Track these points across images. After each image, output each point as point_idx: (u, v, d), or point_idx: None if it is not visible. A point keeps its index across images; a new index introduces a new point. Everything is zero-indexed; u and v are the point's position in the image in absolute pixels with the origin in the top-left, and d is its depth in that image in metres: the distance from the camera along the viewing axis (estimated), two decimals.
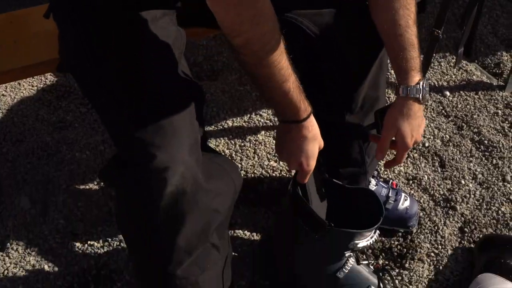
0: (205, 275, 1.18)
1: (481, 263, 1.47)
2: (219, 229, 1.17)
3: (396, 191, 1.57)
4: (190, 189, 1.05)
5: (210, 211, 1.11)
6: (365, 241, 1.29)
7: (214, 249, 1.17)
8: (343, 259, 1.34)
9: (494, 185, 1.72)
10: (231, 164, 1.20)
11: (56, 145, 1.81)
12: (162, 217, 1.07)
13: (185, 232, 1.09)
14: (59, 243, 1.56)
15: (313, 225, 1.26)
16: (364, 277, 1.38)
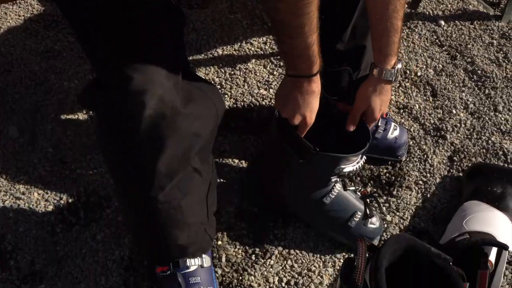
0: (188, 199, 1.19)
1: (468, 191, 1.48)
2: (201, 154, 1.17)
3: (385, 120, 1.56)
4: (170, 113, 1.05)
5: (190, 135, 1.11)
6: (351, 166, 1.29)
7: (196, 174, 1.18)
8: (329, 185, 1.35)
9: (486, 115, 1.71)
10: (212, 89, 1.19)
11: (44, 74, 1.79)
12: (142, 142, 1.07)
13: (166, 157, 1.09)
14: (48, 171, 1.56)
15: (299, 150, 1.26)
16: (351, 203, 1.39)
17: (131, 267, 1.38)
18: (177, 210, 1.18)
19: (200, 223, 1.25)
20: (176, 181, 1.14)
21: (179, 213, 1.19)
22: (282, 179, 1.38)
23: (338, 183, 1.36)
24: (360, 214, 1.38)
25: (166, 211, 1.17)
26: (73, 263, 1.39)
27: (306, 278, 1.37)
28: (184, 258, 1.25)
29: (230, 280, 1.36)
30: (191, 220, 1.22)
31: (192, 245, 1.25)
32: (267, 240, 1.43)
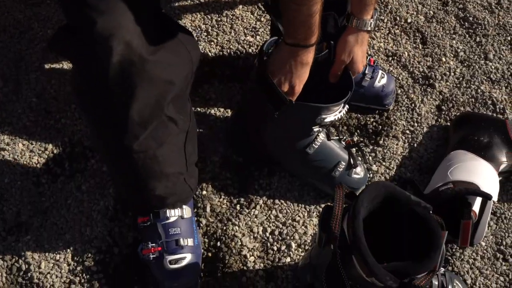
0: (164, 149, 1.18)
1: (455, 140, 1.47)
2: (176, 102, 1.15)
3: (373, 68, 1.54)
4: (138, 59, 1.02)
5: (162, 82, 1.08)
6: (333, 115, 1.27)
7: (172, 123, 1.16)
8: (312, 135, 1.34)
9: (476, 63, 1.68)
10: (186, 34, 1.16)
11: (28, 22, 1.75)
12: (112, 89, 1.05)
13: (138, 104, 1.07)
14: (32, 121, 1.55)
15: (274, 101, 1.24)
16: (335, 152, 1.38)
17: (116, 218, 1.39)
18: (153, 160, 1.18)
19: (178, 173, 1.25)
20: (150, 130, 1.13)
21: (155, 163, 1.18)
22: (265, 128, 1.36)
23: (322, 133, 1.35)
24: (344, 164, 1.38)
25: (142, 160, 1.17)
26: (59, 213, 1.40)
27: (290, 228, 1.37)
28: (164, 209, 1.26)
29: (215, 230, 1.37)
30: (168, 170, 1.22)
31: (171, 196, 1.25)
32: (252, 189, 1.43)
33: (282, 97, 1.22)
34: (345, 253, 1.00)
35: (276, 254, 1.34)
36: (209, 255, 1.34)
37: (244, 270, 1.31)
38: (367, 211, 1.01)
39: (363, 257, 0.96)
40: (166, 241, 1.26)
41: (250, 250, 1.34)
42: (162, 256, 1.26)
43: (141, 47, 1.03)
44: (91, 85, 1.09)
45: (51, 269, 1.32)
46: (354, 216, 0.98)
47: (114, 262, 1.33)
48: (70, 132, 1.52)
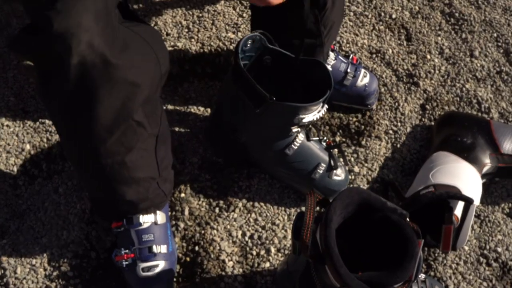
0: (133, 154, 1.15)
1: (438, 140, 1.45)
2: (146, 106, 1.12)
3: (355, 66, 1.51)
4: (100, 60, 0.99)
5: (127, 84, 1.05)
6: (312, 115, 1.25)
7: (140, 127, 1.13)
8: (291, 135, 1.31)
9: (461, 60, 1.66)
10: (153, 34, 1.12)
11: (5, 18, 1.72)
12: (73, 91, 1.02)
13: (102, 108, 1.04)
14: (10, 120, 1.52)
15: (255, 98, 1.22)
16: (314, 154, 1.36)
17: (93, 221, 1.37)
18: (121, 166, 1.15)
19: (150, 178, 1.22)
20: (117, 135, 1.10)
21: (124, 168, 1.16)
22: (243, 129, 1.34)
23: (301, 134, 1.33)
24: (324, 166, 1.35)
25: (110, 166, 1.14)
26: (35, 217, 1.38)
27: (270, 232, 1.35)
28: (136, 215, 1.24)
29: (193, 234, 1.35)
30: (139, 175, 1.19)
31: (143, 201, 1.23)
32: (231, 192, 1.41)
33: (262, 93, 1.20)
34: (317, 262, 0.98)
35: (255, 259, 1.32)
36: (187, 260, 1.32)
37: (222, 275, 1.30)
38: (341, 218, 0.99)
39: (335, 268, 0.94)
40: (139, 248, 1.24)
41: (229, 254, 1.32)
42: (135, 263, 1.24)
43: (103, 47, 0.99)
44: (53, 87, 1.06)
45: (27, 274, 1.30)
46: (326, 224, 0.96)
47: (91, 266, 1.31)
48: (48, 132, 1.50)
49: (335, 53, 1.51)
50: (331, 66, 1.48)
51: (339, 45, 1.66)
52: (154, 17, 1.71)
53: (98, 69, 1.01)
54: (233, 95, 1.29)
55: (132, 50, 1.06)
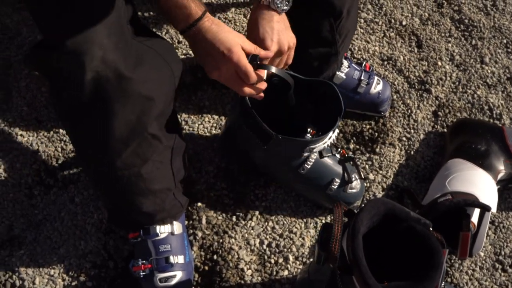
0: (149, 165, 1.16)
1: (452, 147, 1.46)
2: (161, 119, 1.13)
3: (368, 74, 1.52)
4: (114, 75, 1.00)
5: (141, 98, 1.06)
6: (322, 144, 1.26)
7: (155, 140, 1.14)
8: (303, 157, 1.32)
9: (472, 67, 1.67)
10: (166, 47, 1.13)
11: (16, 27, 1.71)
12: (88, 106, 1.03)
13: (117, 121, 1.05)
14: (24, 130, 1.52)
15: (261, 136, 1.23)
16: (328, 169, 1.35)
17: (111, 230, 1.37)
18: (138, 178, 1.16)
19: (166, 189, 1.23)
20: (133, 147, 1.11)
21: (140, 180, 1.16)
22: (254, 154, 1.34)
23: (313, 153, 1.33)
24: (338, 181, 1.36)
25: (126, 178, 1.15)
26: (52, 227, 1.37)
27: (287, 240, 1.36)
28: (153, 225, 1.24)
29: (211, 242, 1.35)
30: (155, 187, 1.20)
31: (160, 212, 1.23)
32: (248, 200, 1.42)
33: (269, 132, 1.20)
34: (345, 272, 0.99)
35: (273, 267, 1.32)
36: (206, 269, 1.33)
37: (241, 284, 1.30)
38: (366, 228, 1.00)
39: (364, 279, 0.94)
40: (156, 259, 1.24)
41: (247, 263, 1.33)
42: (152, 273, 1.24)
43: (117, 62, 1.00)
44: (68, 103, 1.06)
45: (45, 284, 1.30)
46: (354, 235, 0.96)
47: (110, 276, 1.32)
48: (63, 141, 1.50)
49: (348, 60, 1.51)
50: (344, 74, 1.48)
51: (350, 53, 1.67)
52: (165, 25, 1.71)
53: (112, 84, 1.01)
54: (241, 126, 1.29)
55: (146, 64, 1.07)
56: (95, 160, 1.16)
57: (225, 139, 1.44)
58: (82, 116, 1.08)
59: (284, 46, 1.16)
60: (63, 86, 1.05)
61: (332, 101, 1.26)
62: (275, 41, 1.14)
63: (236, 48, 1.07)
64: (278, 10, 1.14)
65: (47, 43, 1.03)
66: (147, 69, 1.07)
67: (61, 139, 1.50)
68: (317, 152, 1.33)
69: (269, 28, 1.14)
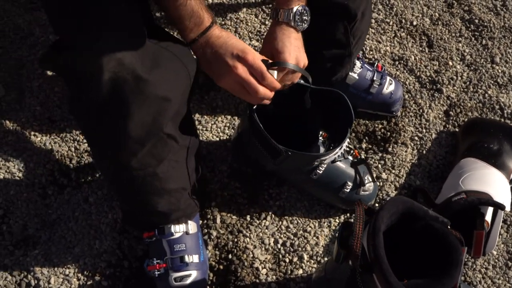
0: (164, 165, 1.16)
1: (464, 147, 1.46)
2: (176, 119, 1.14)
3: (381, 74, 1.52)
4: (132, 76, 1.00)
5: (158, 100, 1.06)
6: (333, 155, 1.26)
7: (171, 140, 1.15)
8: (314, 165, 1.32)
9: (482, 67, 1.68)
10: (181, 47, 1.13)
11: (28, 27, 1.72)
12: (105, 106, 1.04)
13: (133, 122, 1.06)
14: (37, 130, 1.52)
15: (271, 151, 1.23)
16: (340, 173, 1.36)
17: (125, 230, 1.37)
18: (153, 177, 1.16)
19: (182, 189, 1.23)
20: (148, 147, 1.11)
21: (155, 180, 1.17)
22: (266, 163, 1.33)
23: None
24: (350, 184, 1.36)
25: (142, 178, 1.15)
26: (66, 226, 1.38)
27: (302, 239, 1.36)
28: (168, 225, 1.24)
29: (226, 242, 1.35)
30: (170, 186, 1.20)
31: (175, 212, 1.23)
32: (261, 200, 1.42)
33: (278, 149, 1.21)
34: (365, 270, 0.99)
35: (288, 266, 1.33)
36: (221, 268, 1.33)
37: (256, 283, 1.30)
38: (384, 227, 1.00)
39: (385, 276, 0.95)
40: (171, 258, 1.24)
41: (262, 262, 1.33)
42: (167, 273, 1.24)
43: (134, 64, 1.01)
44: (85, 103, 1.07)
45: (60, 284, 1.30)
46: (375, 233, 0.97)
47: (124, 276, 1.32)
48: (76, 141, 1.50)
49: (361, 61, 1.52)
50: (357, 74, 1.49)
51: (362, 53, 1.67)
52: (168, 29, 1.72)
53: (129, 85, 1.02)
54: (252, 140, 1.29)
55: (162, 65, 1.07)
56: (110, 160, 1.16)
57: (236, 145, 1.44)
58: (99, 117, 1.08)
59: (300, 63, 1.17)
60: (80, 87, 1.06)
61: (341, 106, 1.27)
62: (293, 57, 1.15)
63: (249, 49, 1.09)
64: (297, 28, 1.16)
65: (62, 44, 1.04)
66: (163, 71, 1.07)
67: (74, 139, 1.50)
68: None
69: (288, 43, 1.15)
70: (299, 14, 1.14)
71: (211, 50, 1.09)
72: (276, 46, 1.14)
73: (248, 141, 1.31)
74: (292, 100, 1.26)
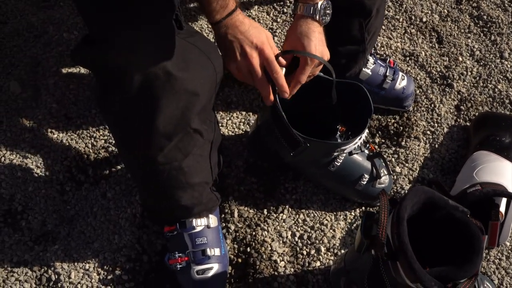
0: (189, 160, 1.18)
1: (476, 140, 1.49)
2: (202, 114, 1.15)
3: (393, 70, 1.54)
4: (163, 72, 1.02)
5: (187, 94, 1.08)
6: (353, 145, 1.28)
7: (197, 134, 1.16)
8: (332, 157, 1.34)
9: (492, 62, 1.70)
10: (208, 43, 1.15)
11: (42, 25, 1.74)
12: (135, 101, 1.05)
13: (162, 117, 1.07)
14: (53, 127, 1.54)
15: (290, 142, 1.24)
16: (357, 165, 1.38)
17: (144, 225, 1.38)
18: (178, 171, 1.18)
19: (205, 183, 1.25)
20: (175, 142, 1.13)
21: (180, 174, 1.18)
22: (283, 154, 1.35)
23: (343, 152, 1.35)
24: (367, 177, 1.38)
25: (167, 172, 1.17)
26: (85, 222, 1.39)
27: (318, 232, 1.38)
28: (190, 219, 1.26)
29: (244, 235, 1.37)
30: (194, 180, 1.22)
31: (197, 206, 1.25)
32: (278, 194, 1.44)
33: (297, 139, 1.22)
34: (389, 259, 1.01)
35: (306, 259, 1.35)
36: (239, 261, 1.34)
37: (275, 276, 1.32)
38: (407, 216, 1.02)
39: (409, 264, 0.96)
40: (193, 251, 1.26)
41: (280, 255, 1.35)
42: (189, 266, 1.26)
43: (164, 58, 1.03)
44: (115, 98, 1.08)
45: (81, 278, 1.31)
46: (399, 222, 0.98)
47: (144, 270, 1.33)
48: (93, 138, 1.52)
49: (374, 57, 1.54)
50: (370, 70, 1.51)
51: (374, 49, 1.69)
52: (190, 23, 1.74)
53: (160, 81, 1.03)
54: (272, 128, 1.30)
55: (191, 61, 1.09)
56: (137, 155, 1.18)
57: (254, 138, 1.46)
58: (128, 112, 1.09)
59: (324, 57, 1.19)
60: (111, 82, 1.07)
61: (360, 100, 1.28)
62: (319, 51, 1.17)
63: (268, 43, 1.13)
64: (320, 21, 1.17)
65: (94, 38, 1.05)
66: (192, 67, 1.09)
67: (91, 136, 1.52)
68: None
69: (313, 37, 1.17)
70: (323, 8, 1.16)
71: (232, 33, 1.11)
72: (301, 40, 1.16)
73: (267, 133, 1.33)
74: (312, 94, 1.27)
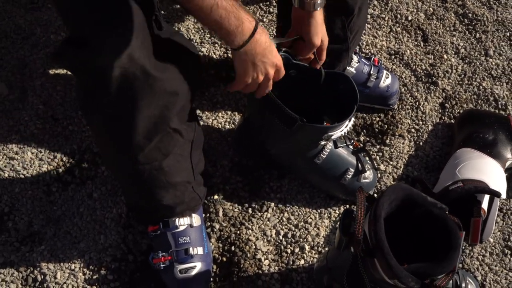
0: (170, 159, 1.19)
1: (460, 138, 1.49)
2: (181, 113, 1.16)
3: (378, 68, 1.55)
4: (141, 72, 1.02)
5: (167, 94, 1.09)
6: (339, 131, 1.29)
7: (177, 134, 1.17)
8: (319, 146, 1.35)
9: (477, 60, 1.71)
10: (186, 42, 1.16)
11: (29, 27, 1.75)
12: (114, 102, 1.05)
13: (142, 117, 1.08)
14: (40, 128, 1.55)
15: (286, 120, 1.25)
16: (343, 159, 1.39)
17: (129, 225, 1.39)
18: (159, 171, 1.19)
19: (186, 182, 1.26)
20: (155, 142, 1.14)
21: (161, 174, 1.19)
22: (271, 143, 1.37)
23: (329, 143, 1.36)
24: (352, 171, 1.39)
25: (148, 171, 1.18)
26: (71, 222, 1.40)
27: (303, 230, 1.39)
28: (173, 218, 1.27)
29: (228, 234, 1.38)
30: (175, 180, 1.23)
31: (179, 205, 1.26)
32: (263, 193, 1.45)
33: (293, 116, 1.23)
34: (367, 256, 1.02)
35: (290, 257, 1.35)
36: (224, 260, 1.35)
37: (259, 274, 1.33)
38: (384, 213, 1.03)
39: (386, 260, 0.97)
40: (176, 250, 1.27)
41: (264, 253, 1.36)
42: (172, 265, 1.27)
43: (143, 59, 1.03)
44: (94, 99, 1.09)
45: (67, 279, 1.32)
46: (376, 219, 0.99)
47: (130, 269, 1.34)
48: (79, 139, 1.53)
49: (358, 55, 1.55)
50: (354, 68, 1.52)
51: (359, 47, 1.70)
52: (177, 23, 1.74)
53: (139, 81, 1.04)
54: (261, 113, 1.32)
55: (170, 61, 1.09)
56: (118, 155, 1.19)
57: (240, 133, 1.47)
58: (109, 113, 1.10)
59: (325, 42, 1.24)
60: (91, 83, 1.08)
61: (346, 93, 1.29)
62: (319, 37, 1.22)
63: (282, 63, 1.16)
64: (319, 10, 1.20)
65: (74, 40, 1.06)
66: (171, 66, 1.09)
67: (77, 137, 1.53)
68: (332, 142, 1.36)
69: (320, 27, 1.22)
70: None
71: (253, 56, 1.09)
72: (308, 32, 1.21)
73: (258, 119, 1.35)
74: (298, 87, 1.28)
